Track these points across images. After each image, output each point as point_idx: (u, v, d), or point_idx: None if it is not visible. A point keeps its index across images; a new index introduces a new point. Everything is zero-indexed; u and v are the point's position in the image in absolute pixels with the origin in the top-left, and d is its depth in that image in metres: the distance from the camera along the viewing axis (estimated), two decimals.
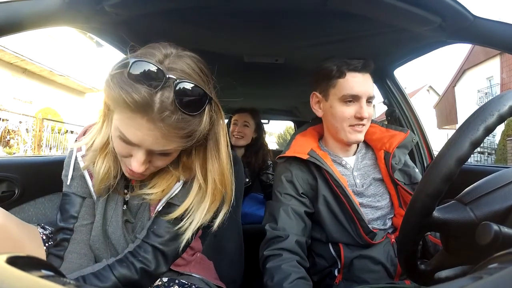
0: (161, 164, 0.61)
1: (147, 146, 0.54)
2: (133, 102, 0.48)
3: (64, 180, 0.71)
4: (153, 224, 0.66)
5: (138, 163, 0.55)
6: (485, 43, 0.77)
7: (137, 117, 0.50)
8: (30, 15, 0.66)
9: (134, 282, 0.61)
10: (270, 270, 0.76)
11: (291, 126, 14.17)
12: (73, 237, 0.67)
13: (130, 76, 0.50)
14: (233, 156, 1.06)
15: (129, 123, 0.51)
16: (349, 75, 0.85)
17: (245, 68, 1.38)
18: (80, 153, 0.71)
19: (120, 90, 0.49)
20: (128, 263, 0.62)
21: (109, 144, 0.63)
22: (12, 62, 8.46)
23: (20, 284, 0.17)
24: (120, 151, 0.58)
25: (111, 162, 0.64)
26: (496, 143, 10.11)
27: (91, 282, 0.58)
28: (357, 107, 0.85)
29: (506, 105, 0.40)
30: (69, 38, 9.98)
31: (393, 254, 0.84)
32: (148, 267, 0.62)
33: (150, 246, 0.64)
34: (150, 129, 0.51)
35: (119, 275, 0.60)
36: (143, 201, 0.69)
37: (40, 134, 7.60)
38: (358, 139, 0.87)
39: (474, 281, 0.19)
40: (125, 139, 0.53)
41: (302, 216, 0.87)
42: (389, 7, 0.76)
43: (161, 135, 0.52)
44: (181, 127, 0.52)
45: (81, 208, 0.69)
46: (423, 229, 0.44)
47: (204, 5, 0.86)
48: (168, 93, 0.50)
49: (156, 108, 0.49)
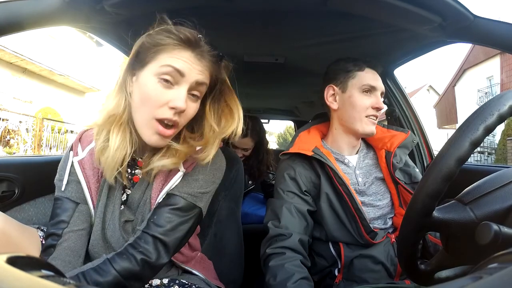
0: (190, 112, 0.65)
1: (192, 77, 0.62)
2: (186, 37, 0.61)
3: (58, 185, 0.70)
4: (154, 214, 0.66)
5: (182, 97, 0.61)
6: (485, 43, 0.77)
7: (188, 50, 0.62)
8: (30, 15, 0.66)
9: (135, 274, 0.60)
10: (273, 269, 0.76)
11: (291, 126, 14.18)
12: (60, 242, 0.65)
13: (176, 24, 0.64)
14: (233, 156, 1.07)
15: (178, 56, 0.61)
16: (367, 69, 0.92)
17: (245, 68, 1.38)
18: (76, 158, 0.70)
19: (169, 33, 0.61)
20: (128, 255, 0.61)
21: (124, 114, 0.65)
22: (12, 62, 8.45)
23: (20, 284, 0.17)
24: (157, 97, 0.61)
25: (126, 133, 0.65)
26: (496, 143, 10.11)
27: (91, 277, 0.57)
28: (375, 98, 0.90)
29: (506, 105, 0.40)
30: (69, 37, 9.98)
31: (393, 254, 0.84)
32: (149, 258, 0.62)
33: (151, 237, 0.63)
34: (195, 62, 0.63)
35: (119, 268, 0.59)
36: (145, 193, 0.70)
37: (40, 134, 7.60)
38: (372, 131, 0.90)
39: (474, 281, 0.19)
40: (170, 72, 0.60)
41: (304, 214, 0.87)
42: (389, 7, 0.76)
43: (201, 69, 0.64)
44: (212, 66, 0.66)
45: (73, 213, 0.68)
46: (423, 229, 0.44)
47: (204, 5, 0.86)
48: (205, 41, 0.65)
49: (202, 45, 0.64)
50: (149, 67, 0.62)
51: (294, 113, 2.71)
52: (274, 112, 2.75)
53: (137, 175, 0.73)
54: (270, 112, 2.73)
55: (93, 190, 0.70)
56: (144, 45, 0.63)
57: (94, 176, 0.70)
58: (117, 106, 0.65)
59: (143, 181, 0.71)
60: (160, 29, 0.63)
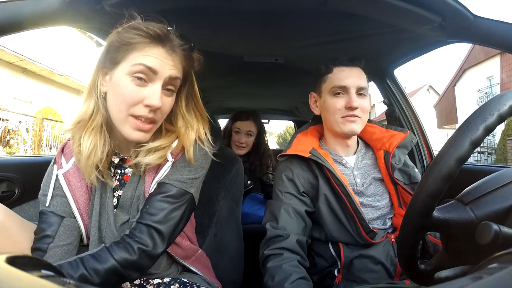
0: (166, 107, 0.66)
1: (165, 73, 0.62)
2: (156, 34, 0.60)
3: (42, 200, 0.69)
4: (146, 204, 0.66)
5: (156, 94, 0.61)
6: (485, 43, 0.77)
7: (158, 46, 0.61)
8: (30, 15, 0.67)
9: (133, 263, 0.60)
10: (271, 270, 0.76)
11: (291, 126, 14.18)
12: (45, 258, 0.63)
13: (145, 20, 0.62)
14: (233, 155, 1.07)
15: (149, 54, 0.60)
16: (336, 69, 0.90)
17: (245, 68, 1.38)
18: (61, 170, 0.69)
19: (138, 31, 0.60)
20: (125, 244, 0.61)
21: (95, 118, 0.64)
22: (12, 62, 8.44)
23: (20, 284, 0.17)
24: (132, 95, 0.61)
25: (97, 137, 0.64)
26: (496, 143, 10.11)
27: (90, 263, 0.57)
28: (347, 98, 0.87)
29: (506, 104, 0.40)
30: (69, 38, 9.97)
31: (393, 254, 0.84)
32: (145, 246, 0.62)
33: (145, 226, 0.63)
34: (167, 57, 0.62)
35: (117, 256, 0.59)
36: (137, 188, 0.69)
37: (40, 134, 7.60)
38: (352, 129, 0.88)
39: (474, 281, 0.20)
40: (143, 71, 0.60)
41: (302, 215, 0.87)
42: (389, 7, 0.76)
43: (173, 63, 0.63)
44: (184, 59, 0.66)
45: (58, 228, 0.66)
46: (423, 229, 0.44)
47: (204, 5, 0.86)
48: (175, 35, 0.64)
49: (172, 39, 0.63)
50: (121, 66, 0.62)
51: (294, 113, 2.71)
52: (274, 112, 2.75)
53: (128, 174, 0.72)
54: (270, 112, 2.73)
55: (81, 203, 0.69)
56: (114, 44, 0.62)
57: (82, 187, 0.69)
58: (85, 111, 0.64)
59: (134, 177, 0.71)
60: (128, 26, 0.62)
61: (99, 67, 0.65)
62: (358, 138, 1.00)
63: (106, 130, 0.66)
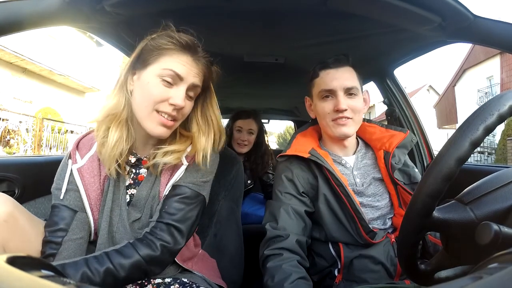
0: (187, 110, 0.72)
1: (189, 79, 0.69)
2: (186, 43, 0.68)
3: (56, 193, 0.71)
4: (164, 205, 0.71)
5: (181, 96, 0.68)
6: (485, 43, 0.77)
7: (187, 55, 0.69)
8: (30, 15, 0.67)
9: (155, 258, 0.65)
10: (271, 270, 0.76)
11: (291, 126, 14.18)
12: (60, 251, 0.66)
13: (178, 31, 0.70)
14: (233, 156, 1.07)
15: (178, 61, 0.67)
16: (322, 73, 0.90)
17: (245, 68, 1.38)
18: (75, 165, 0.72)
19: (172, 38, 0.67)
20: (148, 241, 0.66)
21: (122, 113, 0.69)
22: (12, 62, 8.45)
23: (20, 284, 0.17)
24: (160, 94, 0.67)
25: (123, 130, 0.70)
26: (496, 143, 10.11)
27: (115, 258, 0.61)
28: (334, 100, 0.87)
29: (506, 105, 0.40)
30: (69, 37, 9.97)
31: (393, 254, 0.84)
32: (167, 243, 0.67)
33: (165, 225, 0.69)
34: (193, 65, 0.69)
35: (142, 252, 0.64)
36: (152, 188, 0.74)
37: (40, 134, 7.60)
38: (343, 132, 0.87)
39: (474, 281, 0.20)
40: (171, 75, 0.67)
41: (302, 215, 0.87)
42: (389, 7, 0.76)
43: (197, 72, 0.70)
44: (205, 70, 0.73)
45: (72, 221, 0.69)
46: (423, 229, 0.44)
47: (204, 5, 0.86)
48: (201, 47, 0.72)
49: (199, 51, 0.71)
50: (152, 67, 0.67)
51: (294, 113, 2.71)
52: (274, 112, 2.75)
53: (142, 174, 0.76)
54: (270, 112, 2.73)
55: (93, 198, 0.71)
56: (147, 47, 0.68)
57: (95, 183, 0.72)
58: (117, 105, 0.69)
59: (150, 177, 0.75)
60: (163, 33, 0.69)
61: (130, 67, 0.71)
62: (358, 138, 1.00)
63: (131, 126, 0.72)
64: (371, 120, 1.01)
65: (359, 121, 0.90)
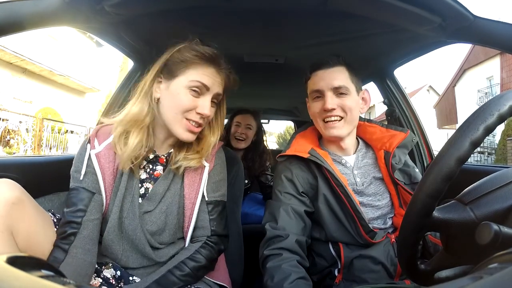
0: (211, 117, 0.79)
1: (214, 89, 0.76)
2: (210, 56, 0.74)
3: (75, 176, 0.75)
4: (212, 222, 0.82)
5: (207, 105, 0.75)
6: (485, 43, 0.77)
7: (211, 67, 0.75)
8: (30, 15, 0.66)
9: (214, 259, 0.81)
10: (270, 270, 0.76)
11: (291, 126, 14.17)
12: (80, 231, 0.71)
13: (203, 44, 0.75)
14: (233, 156, 1.07)
15: (203, 73, 0.74)
16: (312, 75, 0.92)
17: (245, 68, 1.38)
18: (94, 150, 0.76)
19: (197, 52, 0.73)
20: (208, 248, 0.79)
21: (145, 119, 0.75)
22: (12, 62, 8.45)
23: (20, 284, 0.17)
24: (189, 103, 0.73)
25: (144, 135, 0.75)
26: (496, 143, 10.11)
27: (189, 264, 0.74)
28: (322, 101, 0.88)
29: (506, 105, 0.40)
30: (69, 38, 9.98)
31: (393, 254, 0.83)
32: (217, 245, 0.82)
33: (213, 234, 0.81)
34: (217, 76, 0.76)
35: (206, 256, 0.77)
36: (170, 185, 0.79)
37: (40, 134, 7.60)
38: (333, 134, 0.88)
39: (474, 281, 0.20)
40: (199, 86, 0.73)
41: (302, 215, 0.87)
42: (389, 7, 0.76)
43: (220, 81, 0.77)
44: (226, 79, 0.79)
45: (89, 203, 0.73)
46: (423, 229, 0.44)
47: (204, 5, 0.86)
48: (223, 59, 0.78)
49: (221, 63, 0.76)
50: (179, 79, 0.74)
51: (294, 113, 2.71)
52: (274, 112, 2.75)
53: (158, 171, 0.81)
54: (270, 112, 2.73)
55: (107, 182, 0.76)
56: (174, 59, 0.74)
57: (109, 168, 0.76)
58: (140, 112, 0.74)
59: (168, 175, 0.80)
60: (187, 45, 0.75)
61: (156, 75, 0.76)
62: (358, 138, 1.00)
63: (151, 130, 0.77)
64: (371, 120, 1.01)
65: (352, 120, 0.89)
